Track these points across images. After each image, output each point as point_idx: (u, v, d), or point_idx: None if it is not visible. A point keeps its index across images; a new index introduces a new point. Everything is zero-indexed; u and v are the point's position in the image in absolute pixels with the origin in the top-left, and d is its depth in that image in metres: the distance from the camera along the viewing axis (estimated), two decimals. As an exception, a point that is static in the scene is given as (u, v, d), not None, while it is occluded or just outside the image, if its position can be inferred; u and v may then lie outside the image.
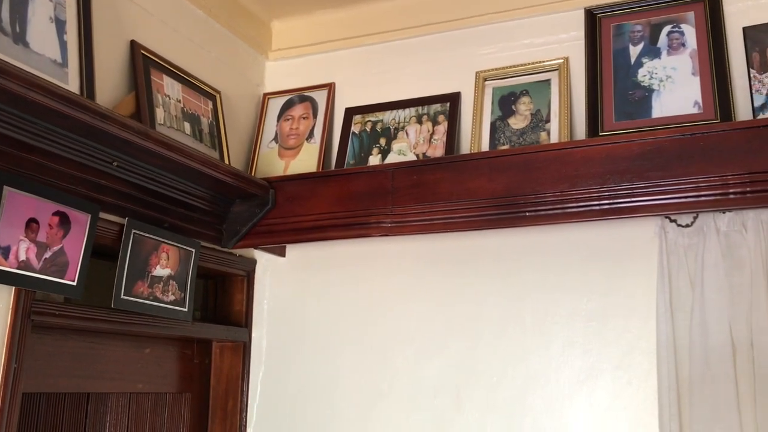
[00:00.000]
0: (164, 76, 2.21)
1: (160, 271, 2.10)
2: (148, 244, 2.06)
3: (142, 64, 2.11)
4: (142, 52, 2.13)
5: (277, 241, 2.40)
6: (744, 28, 2.09)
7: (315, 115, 2.57)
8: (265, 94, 2.70)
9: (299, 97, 2.63)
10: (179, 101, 2.25)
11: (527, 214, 2.07)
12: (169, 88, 2.22)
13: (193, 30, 2.42)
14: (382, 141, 2.43)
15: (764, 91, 2.00)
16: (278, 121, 2.62)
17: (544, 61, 2.32)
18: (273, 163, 2.54)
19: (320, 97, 2.60)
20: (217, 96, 2.43)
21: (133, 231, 2.02)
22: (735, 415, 1.78)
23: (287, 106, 2.63)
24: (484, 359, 2.21)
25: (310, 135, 2.54)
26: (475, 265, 2.30)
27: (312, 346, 2.46)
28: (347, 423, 2.35)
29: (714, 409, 1.81)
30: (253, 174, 2.51)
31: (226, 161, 2.36)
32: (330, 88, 2.60)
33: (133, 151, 1.89)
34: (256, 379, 2.52)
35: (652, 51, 2.16)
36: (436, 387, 2.25)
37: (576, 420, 2.08)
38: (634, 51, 2.19)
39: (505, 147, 2.25)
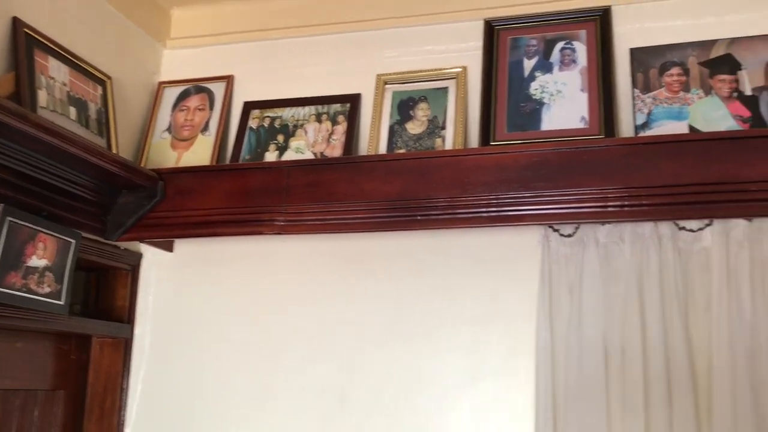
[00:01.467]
0: (50, 58, 2.10)
1: (36, 261, 1.99)
2: (23, 232, 1.94)
3: (25, 43, 2.00)
4: (25, 30, 2.02)
5: (164, 235, 2.32)
6: (631, 50, 2.20)
7: (211, 107, 2.51)
8: (161, 83, 2.61)
9: (196, 87, 2.56)
10: (65, 85, 2.14)
11: (419, 217, 2.10)
12: (55, 71, 2.11)
13: (86, 12, 2.31)
14: (280, 138, 2.40)
15: (646, 111, 2.10)
16: (173, 111, 2.54)
17: (443, 69, 2.36)
18: (165, 154, 2.46)
19: (218, 89, 2.54)
20: (108, 82, 2.33)
21: (8, 218, 1.90)
22: (604, 419, 1.86)
23: (183, 97, 2.56)
24: (371, 360, 2.22)
25: (206, 127, 2.48)
26: (367, 267, 2.30)
27: (197, 344, 2.40)
28: (232, 423, 2.31)
29: (586, 413, 1.88)
30: (143, 164, 2.42)
31: (114, 149, 2.27)
32: (229, 80, 2.54)
33: (9, 134, 1.78)
34: (137, 377, 2.43)
35: (545, 65, 2.24)
36: (323, 387, 2.24)
37: (458, 421, 2.12)
38: (528, 64, 2.26)
39: (402, 151, 2.27)
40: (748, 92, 2.04)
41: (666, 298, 1.90)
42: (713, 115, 2.04)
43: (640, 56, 2.18)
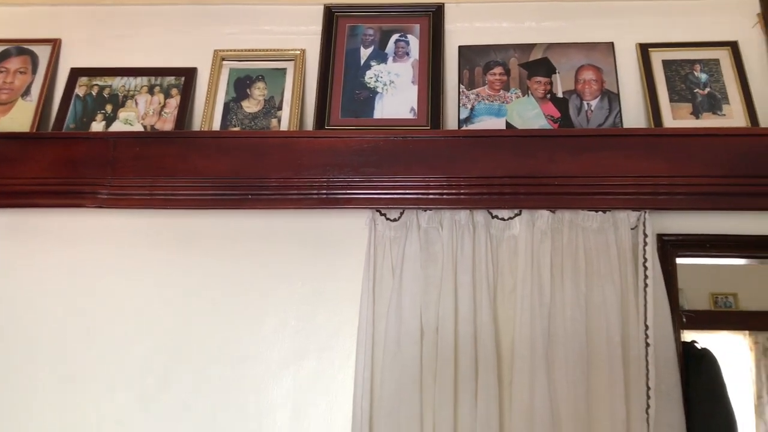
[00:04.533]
0: None
1: None
2: None
3: None
4: None
5: (-26, 204, 2.17)
6: (460, 47, 2.32)
7: (34, 71, 2.36)
8: (-23, 40, 2.43)
9: (18, 49, 2.40)
10: None
11: (250, 197, 2.11)
12: None
13: None
14: (108, 107, 2.31)
15: (469, 106, 2.24)
16: (-11, 72, 2.37)
17: (282, 50, 2.37)
18: (-22, 118, 2.29)
19: (43, 52, 2.39)
20: None
21: None
22: (417, 391, 1.98)
23: (3, 57, 2.39)
24: (197, 339, 2.20)
25: (27, 92, 2.33)
26: (195, 245, 2.27)
27: (7, 323, 2.26)
28: (45, 407, 2.19)
29: (400, 387, 1.98)
30: (-48, 127, 2.25)
31: None
32: (55, 44, 2.41)
33: None
34: (-61, 354, 2.26)
35: (380, 55, 2.32)
36: (143, 367, 2.18)
37: (281, 397, 2.15)
38: (365, 53, 2.32)
39: (237, 129, 2.26)
40: (560, 94, 2.23)
41: (477, 280, 2.04)
42: (528, 114, 2.21)
43: (467, 54, 2.31)
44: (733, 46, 2.24)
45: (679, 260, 2.17)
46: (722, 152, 2.04)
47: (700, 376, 2.08)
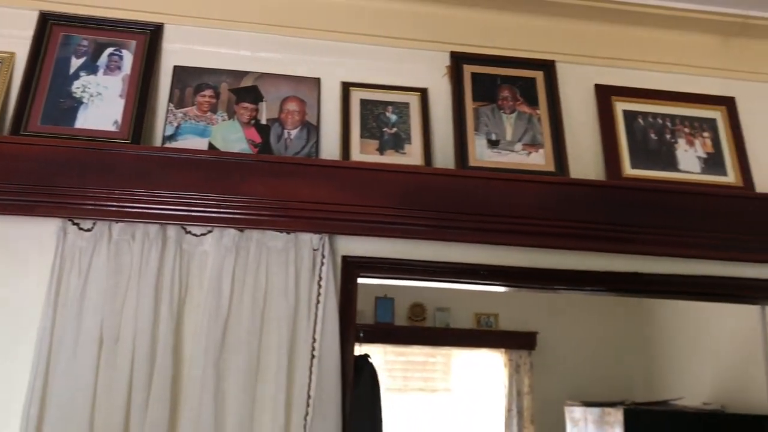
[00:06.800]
0: None
1: None
2: None
3: None
4: None
5: None
6: (175, 67, 2.41)
7: None
8: None
9: None
10: None
11: (-71, 198, 2.05)
12: None
13: None
14: None
15: (175, 124, 2.32)
16: None
17: None
18: None
19: None
20: None
21: None
22: (90, 399, 2.01)
23: None
24: None
25: None
26: None
27: None
28: None
29: (73, 395, 2.01)
30: None
31: None
32: None
33: None
34: None
35: (90, 67, 2.35)
36: None
37: None
38: (76, 63, 2.34)
39: (-72, 127, 2.18)
40: (264, 121, 2.38)
41: (162, 293, 2.12)
42: (231, 137, 2.34)
43: (181, 74, 2.41)
44: (423, 92, 2.52)
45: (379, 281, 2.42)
46: (399, 186, 2.29)
47: (360, 387, 2.29)
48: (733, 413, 4.80)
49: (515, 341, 6.55)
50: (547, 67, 2.60)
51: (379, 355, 6.42)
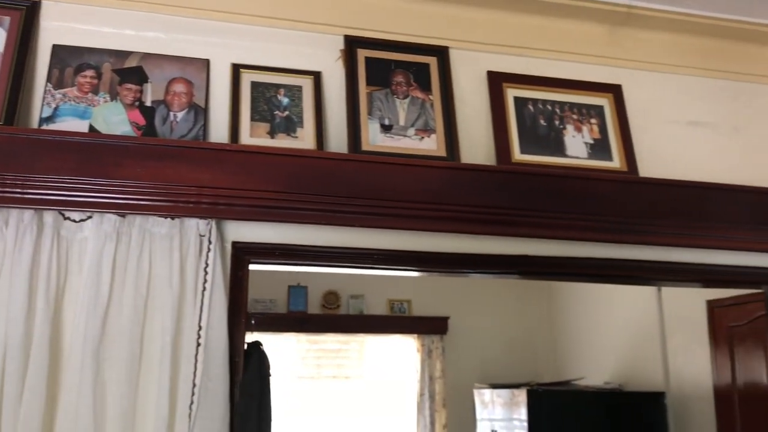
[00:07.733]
0: None
1: None
2: None
3: None
4: None
5: None
6: (54, 46, 2.30)
7: None
8: None
9: None
10: None
11: None
12: None
13: None
14: None
15: (54, 105, 2.22)
16: None
17: None
18: None
19: None
20: None
21: None
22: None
23: None
24: None
25: None
26: None
27: None
28: None
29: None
30: None
31: None
32: None
33: None
34: None
35: (-42, 44, 2.21)
36: None
37: None
38: (-58, 39, 2.20)
39: None
40: (149, 103, 2.30)
41: (37, 282, 2.02)
42: (113, 119, 2.25)
43: (60, 53, 2.30)
44: (316, 76, 2.49)
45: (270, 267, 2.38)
46: (289, 170, 2.26)
47: (248, 374, 2.26)
48: (630, 391, 5.02)
49: (427, 326, 6.65)
50: (441, 53, 2.61)
51: (292, 343, 6.39)
